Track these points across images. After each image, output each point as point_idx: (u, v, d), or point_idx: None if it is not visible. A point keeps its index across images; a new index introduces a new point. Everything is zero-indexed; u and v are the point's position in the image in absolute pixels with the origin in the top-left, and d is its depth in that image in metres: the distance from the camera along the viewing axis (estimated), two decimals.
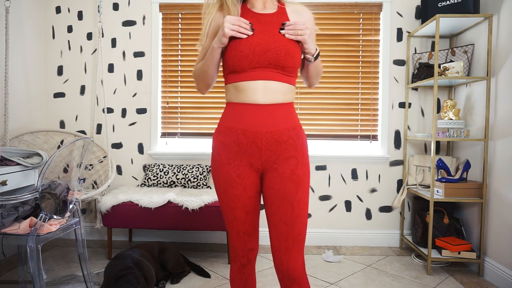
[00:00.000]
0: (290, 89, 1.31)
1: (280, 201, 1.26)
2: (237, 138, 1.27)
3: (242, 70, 1.27)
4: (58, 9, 3.14)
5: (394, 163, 3.05)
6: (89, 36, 3.13)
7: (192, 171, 2.95)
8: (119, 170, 3.15)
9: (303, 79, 1.46)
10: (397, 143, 3.04)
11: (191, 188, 2.91)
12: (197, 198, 2.54)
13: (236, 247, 1.35)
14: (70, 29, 3.14)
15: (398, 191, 3.05)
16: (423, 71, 2.69)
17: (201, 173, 2.96)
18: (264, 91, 1.26)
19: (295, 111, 1.35)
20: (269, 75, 1.26)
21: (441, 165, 2.58)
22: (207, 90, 1.43)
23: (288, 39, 1.26)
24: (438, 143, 2.97)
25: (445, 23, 2.59)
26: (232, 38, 1.25)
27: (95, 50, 3.13)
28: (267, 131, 1.26)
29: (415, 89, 3.02)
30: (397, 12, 2.99)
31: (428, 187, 2.80)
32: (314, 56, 1.30)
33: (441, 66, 2.59)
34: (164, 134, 3.16)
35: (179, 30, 3.11)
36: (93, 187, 3.06)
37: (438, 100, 2.98)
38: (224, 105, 3.07)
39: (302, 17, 1.35)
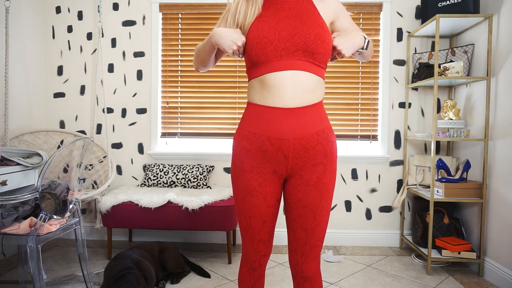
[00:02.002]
0: (319, 84, 1.21)
1: (302, 209, 1.22)
2: (262, 145, 1.20)
3: (266, 60, 1.17)
4: (58, 9, 3.14)
5: (394, 163, 3.05)
6: (89, 36, 3.13)
7: (192, 171, 2.95)
8: (119, 170, 3.15)
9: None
10: (397, 143, 3.04)
11: (191, 188, 2.91)
12: (197, 198, 2.54)
13: (248, 252, 1.30)
14: (70, 29, 3.14)
15: (398, 191, 3.05)
16: (423, 71, 2.69)
17: (201, 173, 2.96)
18: (292, 87, 1.16)
19: (324, 110, 1.25)
20: (297, 64, 1.15)
21: (441, 165, 2.58)
22: (200, 70, 1.40)
23: (316, 23, 1.17)
24: (438, 143, 2.97)
25: (445, 23, 2.59)
26: (253, 26, 1.20)
27: (95, 50, 3.13)
28: (294, 137, 1.17)
29: (415, 89, 3.02)
30: (397, 12, 2.99)
31: (428, 187, 2.80)
32: (365, 47, 1.22)
33: (441, 66, 2.59)
34: (164, 134, 3.16)
35: (179, 30, 3.11)
36: (93, 187, 3.06)
37: (438, 100, 2.98)
38: (223, 106, 3.10)
39: (327, 4, 1.26)
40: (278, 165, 1.21)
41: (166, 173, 2.95)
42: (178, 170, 2.96)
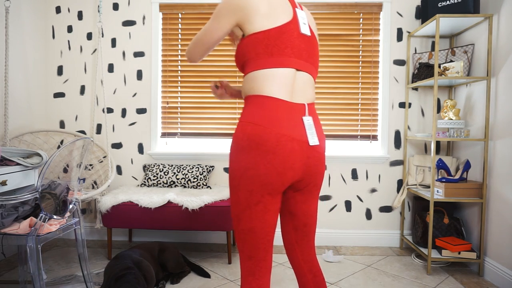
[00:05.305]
0: (245, 81, 1.25)
1: None
2: None
3: None
4: (58, 9, 3.14)
5: (394, 163, 3.04)
6: (89, 36, 3.13)
7: (192, 171, 2.95)
8: (119, 170, 3.15)
9: None
10: (397, 143, 3.04)
11: (191, 188, 2.91)
12: (197, 198, 2.54)
13: None
14: (70, 29, 3.14)
15: (398, 191, 3.05)
16: (423, 71, 2.69)
17: (201, 173, 2.96)
18: None
19: (249, 107, 1.20)
20: None
21: (441, 165, 2.58)
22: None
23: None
24: (438, 143, 2.97)
25: (445, 23, 2.59)
26: None
27: (95, 50, 3.13)
28: None
29: (415, 89, 3.02)
30: (397, 12, 2.99)
31: (428, 187, 2.79)
32: None
33: (441, 66, 2.59)
34: (164, 134, 3.16)
35: (179, 30, 3.11)
36: (93, 187, 3.06)
37: (438, 100, 2.98)
38: (223, 106, 3.10)
39: None
40: None
41: (166, 173, 2.95)
42: (178, 170, 2.96)
